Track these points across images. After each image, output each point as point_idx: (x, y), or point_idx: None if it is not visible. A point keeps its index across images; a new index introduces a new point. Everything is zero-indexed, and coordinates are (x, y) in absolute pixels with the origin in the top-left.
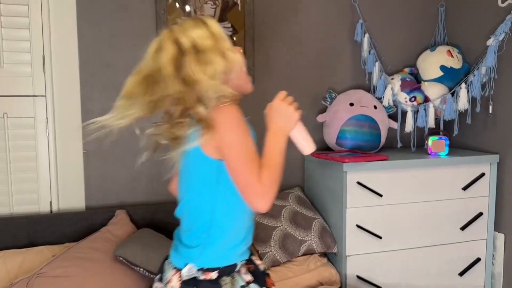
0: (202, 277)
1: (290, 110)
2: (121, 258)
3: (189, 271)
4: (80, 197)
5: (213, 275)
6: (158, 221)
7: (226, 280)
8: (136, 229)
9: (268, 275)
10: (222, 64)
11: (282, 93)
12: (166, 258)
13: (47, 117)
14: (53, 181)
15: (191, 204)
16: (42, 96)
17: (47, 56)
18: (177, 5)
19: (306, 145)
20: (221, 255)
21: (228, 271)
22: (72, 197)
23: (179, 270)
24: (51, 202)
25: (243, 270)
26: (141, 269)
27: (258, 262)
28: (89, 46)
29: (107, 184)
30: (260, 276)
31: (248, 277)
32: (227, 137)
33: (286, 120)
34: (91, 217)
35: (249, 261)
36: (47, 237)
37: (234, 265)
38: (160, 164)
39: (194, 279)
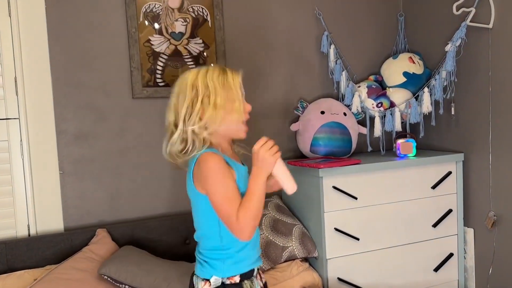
0: (227, 281)
1: (267, 155)
2: (106, 276)
3: (215, 280)
4: (59, 218)
5: (236, 278)
6: (139, 238)
7: (247, 283)
8: (117, 247)
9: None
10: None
11: (262, 140)
12: (193, 274)
13: (21, 140)
14: (30, 204)
15: (201, 230)
16: (15, 118)
17: (19, 79)
18: (148, 23)
19: (288, 185)
20: (239, 265)
21: (248, 275)
22: (50, 219)
23: (207, 280)
24: (28, 225)
25: (259, 276)
26: (127, 286)
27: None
28: (62, 66)
29: (85, 203)
30: (266, 286)
31: (261, 283)
32: (207, 183)
33: (263, 164)
34: (70, 238)
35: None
36: (26, 261)
37: (252, 271)
38: (137, 180)
39: (222, 283)
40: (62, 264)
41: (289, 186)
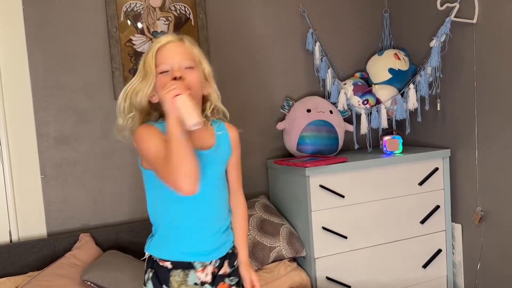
0: (157, 260)
1: (162, 94)
2: (89, 282)
3: (146, 254)
4: (41, 223)
5: (168, 264)
6: (124, 242)
7: (176, 274)
8: (101, 252)
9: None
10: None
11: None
12: None
13: (0, 144)
14: (11, 209)
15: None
16: None
17: None
18: (129, 22)
19: (186, 119)
20: (166, 247)
21: (182, 265)
22: (32, 224)
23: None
24: (10, 231)
25: (205, 271)
26: None
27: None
28: (41, 69)
29: (68, 208)
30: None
31: (207, 278)
32: (140, 150)
33: (165, 105)
34: (53, 243)
35: (219, 268)
36: (8, 268)
37: (190, 264)
38: (121, 183)
39: (150, 258)
40: (44, 270)
41: (187, 119)
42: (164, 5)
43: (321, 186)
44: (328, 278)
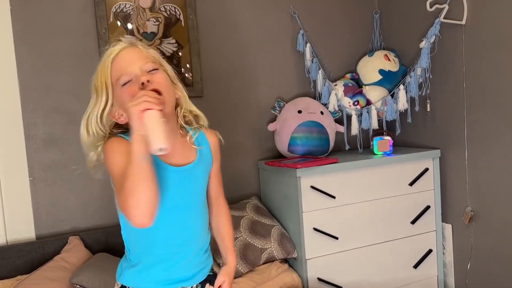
0: None
1: (129, 106)
2: (78, 286)
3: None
4: (30, 226)
5: None
6: (114, 244)
7: None
8: (91, 255)
9: None
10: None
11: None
12: None
13: None
14: None
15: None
16: None
17: None
18: (119, 23)
19: (152, 140)
20: (139, 276)
21: None
22: (20, 227)
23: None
24: None
25: None
26: None
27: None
28: (29, 70)
29: (57, 210)
30: None
31: None
32: (106, 166)
33: (131, 120)
34: (42, 246)
35: None
36: None
37: None
38: (111, 186)
39: None
40: (33, 273)
41: (154, 141)
42: (154, 6)
43: (312, 187)
44: (319, 279)
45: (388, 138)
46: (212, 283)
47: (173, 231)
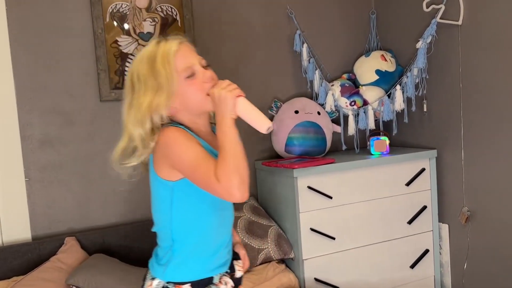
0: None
1: (223, 92)
2: (74, 287)
3: (157, 284)
4: (26, 227)
5: (186, 287)
6: (110, 245)
7: None
8: (87, 256)
9: None
10: (148, 100)
11: (220, 82)
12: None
13: None
14: None
15: (157, 223)
16: None
17: None
18: (115, 23)
19: (258, 123)
20: (187, 271)
21: (202, 283)
22: (17, 228)
23: (153, 279)
24: None
25: (223, 281)
26: None
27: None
28: (25, 70)
29: (53, 211)
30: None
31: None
32: (172, 154)
33: (223, 105)
34: (38, 247)
35: (230, 275)
36: None
37: (211, 278)
38: (107, 186)
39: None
40: (28, 274)
41: (259, 123)
42: (150, 6)
43: (309, 188)
44: (316, 280)
45: (386, 139)
46: (235, 258)
47: (221, 218)
